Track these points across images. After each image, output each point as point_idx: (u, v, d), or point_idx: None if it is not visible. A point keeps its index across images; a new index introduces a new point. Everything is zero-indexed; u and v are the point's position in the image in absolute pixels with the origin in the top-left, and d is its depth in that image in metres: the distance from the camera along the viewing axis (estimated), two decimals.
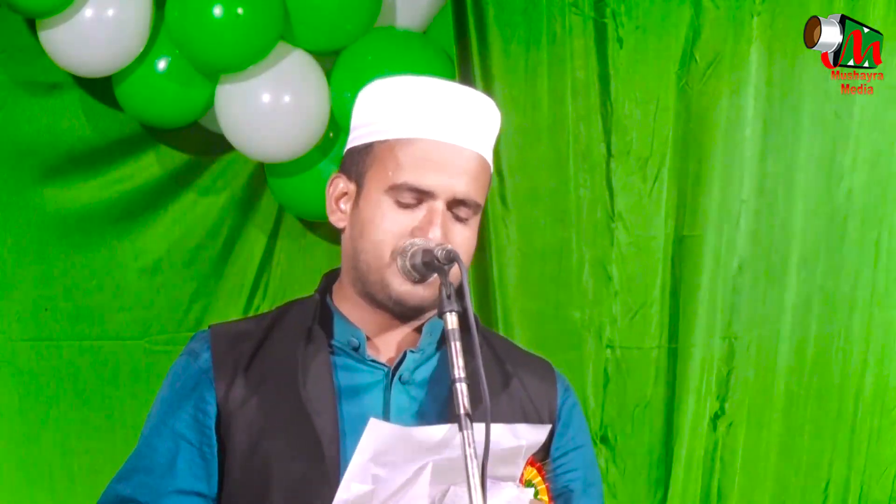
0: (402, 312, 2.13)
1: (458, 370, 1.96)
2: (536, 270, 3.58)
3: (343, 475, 2.00)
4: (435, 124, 2.09)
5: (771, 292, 3.42)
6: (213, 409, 2.11)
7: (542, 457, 2.15)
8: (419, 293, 2.09)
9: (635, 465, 3.49)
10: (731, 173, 3.42)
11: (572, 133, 3.52)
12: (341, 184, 2.17)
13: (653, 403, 3.47)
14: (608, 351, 3.50)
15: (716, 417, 3.42)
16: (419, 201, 2.09)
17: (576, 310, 3.52)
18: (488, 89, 3.54)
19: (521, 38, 3.56)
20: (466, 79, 3.62)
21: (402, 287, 2.09)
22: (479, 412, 1.94)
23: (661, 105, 3.45)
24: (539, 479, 2.11)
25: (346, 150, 2.19)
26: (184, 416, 2.12)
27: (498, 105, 2.20)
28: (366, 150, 2.13)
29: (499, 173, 3.56)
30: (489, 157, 2.16)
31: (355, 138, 2.17)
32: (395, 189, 2.08)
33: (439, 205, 2.08)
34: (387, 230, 2.08)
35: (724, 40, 3.38)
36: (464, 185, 2.09)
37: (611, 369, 3.49)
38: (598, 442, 3.48)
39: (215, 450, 2.11)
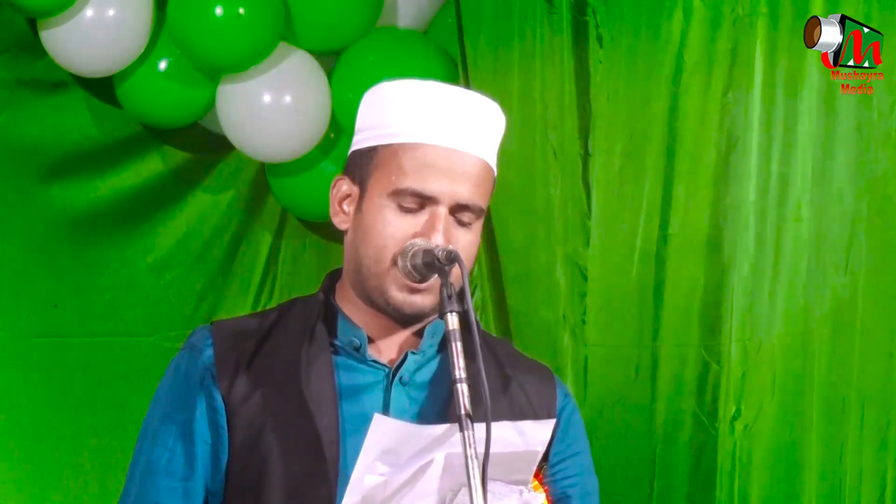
0: (401, 319, 2.14)
1: (459, 370, 1.96)
2: (505, 267, 3.58)
3: (342, 474, 2.02)
4: (439, 129, 2.09)
5: (796, 296, 3.38)
6: (221, 407, 2.11)
7: (540, 461, 2.15)
8: (417, 302, 2.10)
9: (617, 463, 3.47)
10: (733, 174, 3.38)
11: (546, 131, 3.51)
12: (344, 186, 2.17)
13: (630, 402, 3.46)
14: (584, 348, 3.49)
15: (734, 419, 3.39)
16: (421, 206, 2.09)
17: (547, 307, 3.51)
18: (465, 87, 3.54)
19: (491, 35, 3.54)
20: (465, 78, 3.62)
21: (399, 295, 2.09)
22: (479, 413, 1.94)
23: (646, 104, 3.44)
24: (536, 483, 2.11)
25: (350, 152, 2.19)
26: (197, 415, 2.11)
27: None
28: (369, 153, 2.13)
29: None
30: (493, 162, 2.16)
31: (359, 141, 2.16)
32: (397, 194, 2.08)
33: (442, 210, 2.08)
34: (389, 236, 2.08)
35: (717, 40, 3.36)
36: (466, 190, 2.09)
37: (588, 367, 3.47)
38: None
39: (226, 448, 2.11)
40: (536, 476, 2.12)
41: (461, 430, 1.92)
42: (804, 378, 3.34)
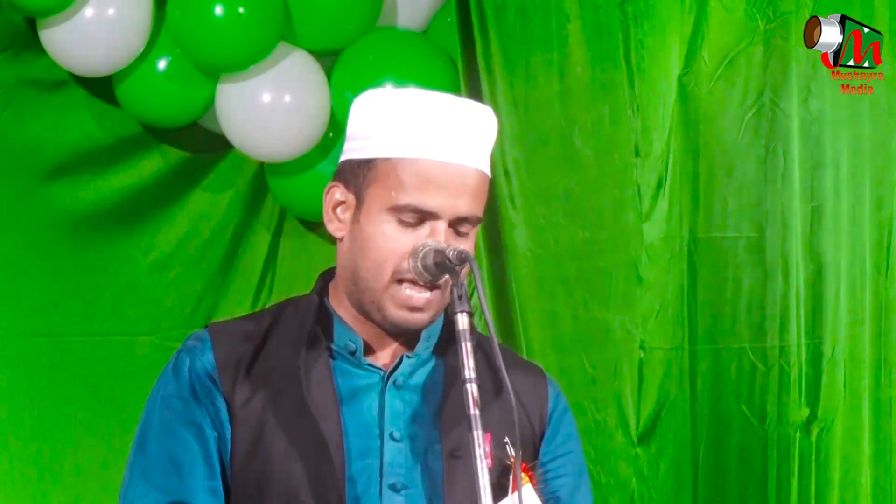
0: (397, 333, 2.14)
1: (469, 370, 1.98)
2: (552, 271, 3.58)
3: (348, 479, 2.04)
4: (437, 144, 2.09)
5: (854, 297, 3.37)
6: (225, 407, 2.11)
7: (531, 460, 2.16)
8: (416, 319, 2.10)
9: (682, 466, 3.48)
10: (771, 176, 3.37)
11: (592, 134, 3.51)
12: (338, 193, 2.16)
13: (677, 405, 3.46)
14: (642, 351, 3.49)
15: (808, 423, 3.39)
16: (421, 221, 2.09)
17: (603, 310, 3.51)
18: (491, 91, 3.52)
19: (525, 38, 3.54)
20: (470, 79, 3.61)
21: (398, 313, 2.09)
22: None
23: (668, 106, 3.44)
24: (526, 478, 2.11)
25: (342, 159, 2.18)
26: (204, 415, 2.11)
27: (500, 107, 2.20)
28: (366, 165, 2.12)
29: (505, 174, 3.55)
30: (489, 169, 2.16)
31: (353, 149, 2.15)
32: (397, 210, 2.08)
33: (441, 225, 2.08)
34: (390, 251, 2.08)
35: (738, 41, 3.35)
36: (466, 203, 2.10)
37: (644, 370, 3.48)
38: (636, 442, 3.48)
39: (229, 450, 2.11)
40: (528, 475, 2.13)
41: (470, 429, 1.94)
42: (857, 380, 3.35)
